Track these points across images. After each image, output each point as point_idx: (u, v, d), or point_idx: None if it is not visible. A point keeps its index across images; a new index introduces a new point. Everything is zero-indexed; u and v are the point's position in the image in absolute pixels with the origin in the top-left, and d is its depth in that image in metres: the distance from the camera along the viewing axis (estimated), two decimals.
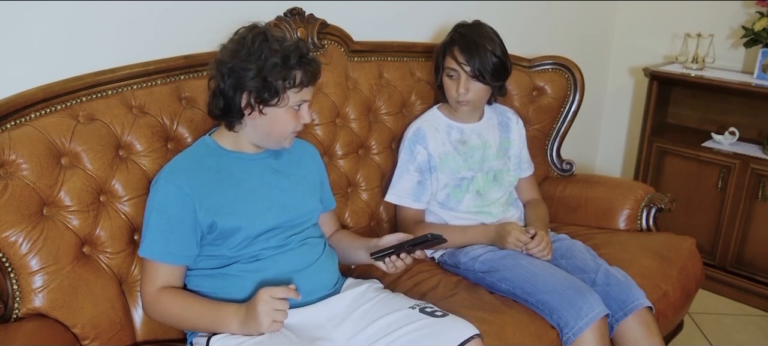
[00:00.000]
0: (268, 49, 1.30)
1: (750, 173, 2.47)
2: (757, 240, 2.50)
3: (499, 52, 1.74)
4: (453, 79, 1.77)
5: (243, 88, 1.31)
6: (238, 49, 1.31)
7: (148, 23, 1.60)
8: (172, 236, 1.33)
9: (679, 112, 2.87)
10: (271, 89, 1.31)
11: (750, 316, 2.49)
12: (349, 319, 1.39)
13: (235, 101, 1.33)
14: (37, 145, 1.33)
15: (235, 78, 1.31)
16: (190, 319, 1.33)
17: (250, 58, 1.29)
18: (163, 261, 1.34)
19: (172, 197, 1.33)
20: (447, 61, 1.77)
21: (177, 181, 1.34)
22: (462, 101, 1.78)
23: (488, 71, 1.73)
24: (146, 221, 1.35)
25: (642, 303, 1.60)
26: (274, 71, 1.29)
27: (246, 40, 1.31)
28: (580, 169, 2.35)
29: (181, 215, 1.32)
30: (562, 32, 2.77)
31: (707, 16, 2.74)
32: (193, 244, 1.35)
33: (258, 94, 1.31)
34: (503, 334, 1.48)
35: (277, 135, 1.39)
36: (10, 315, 1.30)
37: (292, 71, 1.31)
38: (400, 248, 1.38)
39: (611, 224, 2.07)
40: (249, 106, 1.33)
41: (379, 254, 1.40)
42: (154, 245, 1.33)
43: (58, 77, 1.42)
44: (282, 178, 1.47)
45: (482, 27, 1.78)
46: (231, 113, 1.35)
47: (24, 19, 1.40)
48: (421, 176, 1.82)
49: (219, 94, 1.34)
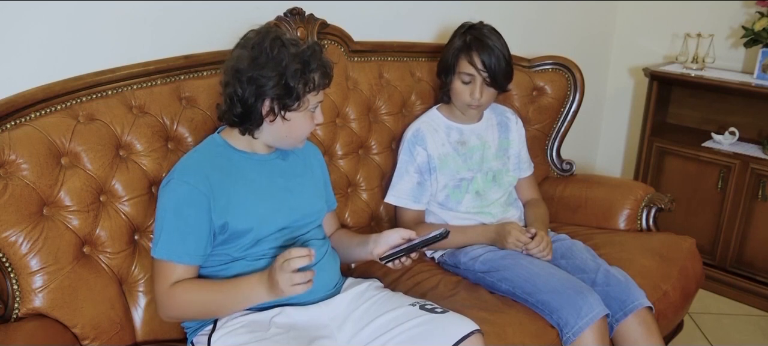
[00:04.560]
0: (287, 55, 1.29)
1: (750, 173, 2.47)
2: (757, 240, 2.50)
3: (508, 57, 1.75)
4: (467, 83, 1.76)
5: (265, 95, 1.31)
6: (256, 56, 1.30)
7: (148, 23, 1.60)
8: (190, 236, 1.31)
9: (679, 112, 2.87)
10: (292, 95, 1.31)
11: (750, 316, 2.49)
12: (351, 318, 1.39)
13: (256, 109, 1.32)
14: (37, 145, 1.33)
15: (255, 86, 1.30)
16: (214, 302, 1.32)
17: (270, 64, 1.29)
18: (179, 262, 1.32)
19: (187, 197, 1.31)
20: (462, 66, 1.75)
21: (191, 180, 1.32)
22: (474, 106, 1.78)
23: (503, 77, 1.74)
24: (160, 222, 1.33)
25: (642, 303, 1.60)
26: (295, 77, 1.30)
27: (264, 47, 1.30)
28: (580, 169, 2.35)
29: (197, 215, 1.31)
30: (562, 32, 2.77)
31: (707, 16, 2.74)
32: (208, 243, 1.34)
33: (280, 100, 1.31)
34: (503, 334, 1.48)
35: (294, 138, 1.40)
36: (10, 315, 1.30)
37: (312, 75, 1.32)
38: (411, 250, 1.39)
39: (611, 224, 2.07)
40: (272, 113, 1.33)
41: (389, 258, 1.40)
42: (171, 246, 1.31)
43: (58, 77, 1.42)
44: (290, 179, 1.47)
45: (492, 30, 1.77)
46: (250, 120, 1.34)
47: (24, 19, 1.40)
48: (420, 176, 1.82)
49: (237, 101, 1.33)
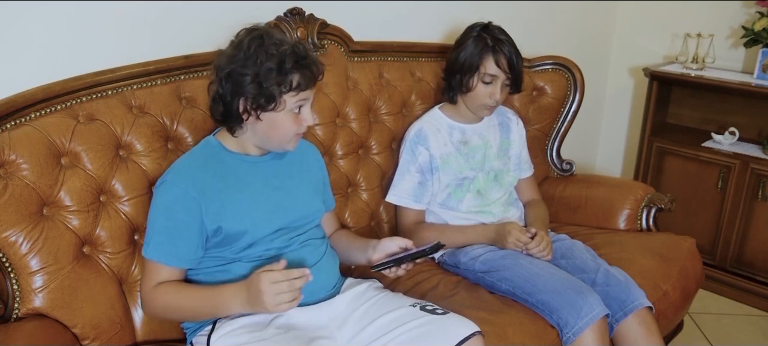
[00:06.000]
0: (263, 53, 1.27)
1: (750, 173, 2.47)
2: (757, 240, 2.50)
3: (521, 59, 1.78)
4: (488, 84, 1.76)
5: (241, 93, 1.30)
6: (235, 53, 1.29)
7: (148, 23, 1.60)
8: (179, 240, 1.32)
9: (679, 112, 2.86)
10: (266, 95, 1.28)
11: (750, 316, 2.49)
12: (351, 319, 1.39)
13: (233, 107, 1.31)
14: (37, 145, 1.33)
15: (232, 83, 1.29)
16: (189, 308, 1.32)
17: (247, 63, 1.28)
18: (168, 264, 1.33)
19: (179, 201, 1.32)
20: (488, 67, 1.74)
21: (183, 184, 1.32)
22: (491, 106, 1.79)
23: (521, 79, 1.77)
24: (151, 223, 1.34)
25: (642, 303, 1.60)
26: (269, 76, 1.27)
27: (243, 45, 1.29)
28: (580, 169, 2.35)
29: (188, 219, 1.31)
30: (562, 32, 2.77)
31: (707, 16, 2.74)
32: (199, 247, 1.34)
33: (254, 100, 1.29)
34: (503, 334, 1.48)
35: (278, 139, 1.38)
36: (10, 315, 1.30)
37: (288, 76, 1.29)
38: (400, 262, 1.38)
39: (611, 224, 2.07)
40: (246, 111, 1.31)
41: (379, 268, 1.40)
42: (161, 247, 1.32)
43: (58, 77, 1.41)
44: (286, 179, 1.46)
45: (503, 31, 1.78)
46: (231, 119, 1.34)
47: (24, 19, 1.40)
48: (422, 176, 1.82)
49: (218, 99, 1.33)
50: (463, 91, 1.80)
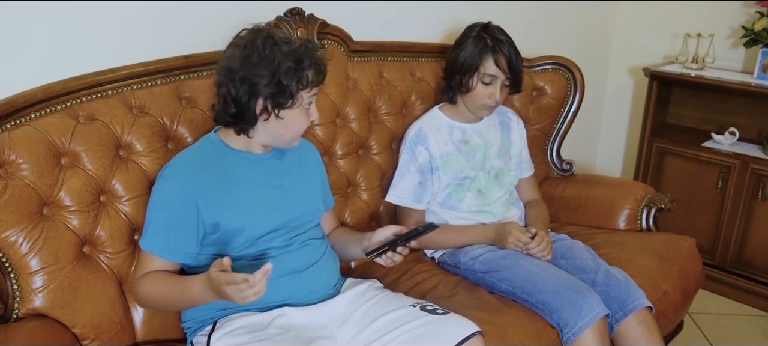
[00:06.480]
0: (279, 52, 1.29)
1: (750, 173, 2.47)
2: (757, 240, 2.50)
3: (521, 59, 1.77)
4: (488, 85, 1.76)
5: (258, 94, 1.31)
6: (248, 55, 1.30)
7: (148, 23, 1.60)
8: (173, 233, 1.33)
9: (679, 112, 2.86)
10: (285, 93, 1.31)
11: (750, 316, 2.49)
12: (351, 319, 1.39)
13: (249, 108, 1.32)
14: (37, 145, 1.33)
15: (248, 85, 1.30)
16: (166, 297, 1.32)
17: (262, 63, 1.29)
18: (160, 256, 1.34)
19: (175, 195, 1.33)
20: (487, 67, 1.74)
21: (181, 179, 1.33)
22: (491, 107, 1.79)
23: (520, 79, 1.76)
24: (148, 215, 1.36)
25: (642, 303, 1.60)
26: (288, 75, 1.29)
27: (256, 46, 1.30)
28: (580, 169, 2.35)
29: (183, 214, 1.32)
30: (562, 32, 2.77)
31: (707, 16, 2.74)
32: (194, 242, 1.35)
33: (273, 99, 1.31)
34: (503, 334, 1.48)
35: (289, 136, 1.40)
36: (10, 315, 1.30)
37: (305, 72, 1.32)
38: (394, 245, 1.38)
39: (611, 224, 2.07)
40: (265, 111, 1.33)
41: (374, 253, 1.40)
42: (154, 239, 1.33)
43: (58, 77, 1.42)
44: (286, 178, 1.47)
45: (503, 32, 1.78)
46: (244, 119, 1.34)
47: (24, 19, 1.40)
48: (422, 176, 1.82)
49: (231, 101, 1.33)
50: (462, 92, 1.80)
